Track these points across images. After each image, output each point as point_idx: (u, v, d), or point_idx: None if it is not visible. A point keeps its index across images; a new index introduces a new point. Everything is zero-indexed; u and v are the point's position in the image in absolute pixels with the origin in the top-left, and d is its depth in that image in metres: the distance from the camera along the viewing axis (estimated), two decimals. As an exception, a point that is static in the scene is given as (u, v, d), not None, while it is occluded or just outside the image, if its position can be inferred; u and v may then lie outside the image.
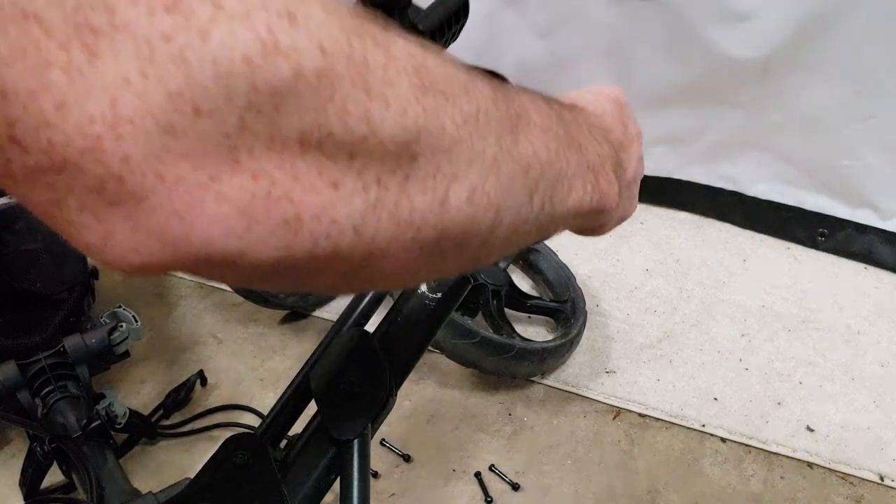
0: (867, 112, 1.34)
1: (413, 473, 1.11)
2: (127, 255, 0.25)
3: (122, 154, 0.23)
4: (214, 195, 0.25)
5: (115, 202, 0.24)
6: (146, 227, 0.25)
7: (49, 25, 0.22)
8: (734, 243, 1.54)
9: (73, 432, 0.97)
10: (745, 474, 1.11)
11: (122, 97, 0.22)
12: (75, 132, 0.23)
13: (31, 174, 0.23)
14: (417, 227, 0.29)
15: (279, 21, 0.24)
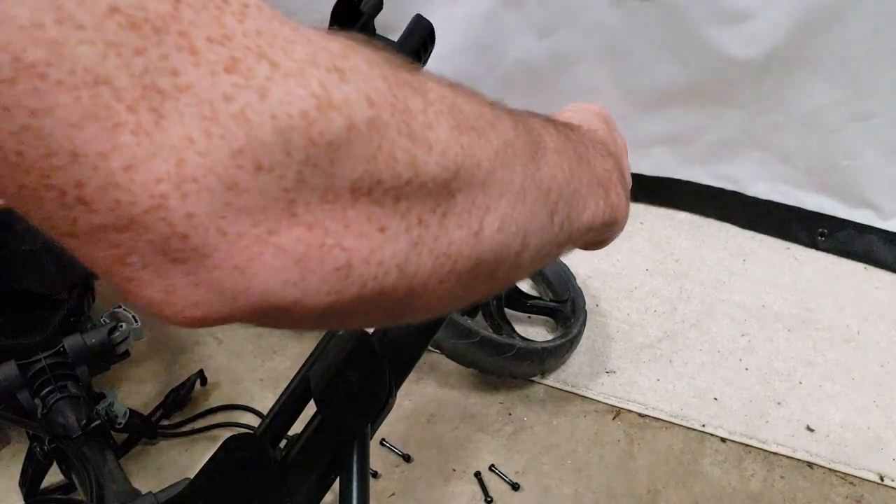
0: (867, 112, 1.34)
1: (413, 473, 1.11)
2: (187, 309, 0.26)
3: (187, 212, 0.23)
4: (273, 248, 0.25)
5: (178, 259, 0.24)
6: (207, 283, 0.25)
7: (119, 89, 0.22)
8: (734, 243, 1.54)
9: (73, 432, 0.97)
10: (744, 474, 1.11)
11: (187, 157, 0.23)
12: (142, 192, 0.23)
13: (96, 233, 0.24)
14: (455, 260, 0.30)
15: (330, 76, 0.25)
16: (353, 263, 0.27)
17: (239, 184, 0.24)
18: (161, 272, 0.25)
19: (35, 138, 0.22)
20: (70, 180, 0.23)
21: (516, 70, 1.49)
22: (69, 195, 0.23)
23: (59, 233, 0.24)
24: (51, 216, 0.24)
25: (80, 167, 0.22)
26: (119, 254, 0.24)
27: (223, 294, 0.25)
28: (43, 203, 0.23)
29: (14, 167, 0.23)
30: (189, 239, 0.24)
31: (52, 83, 0.22)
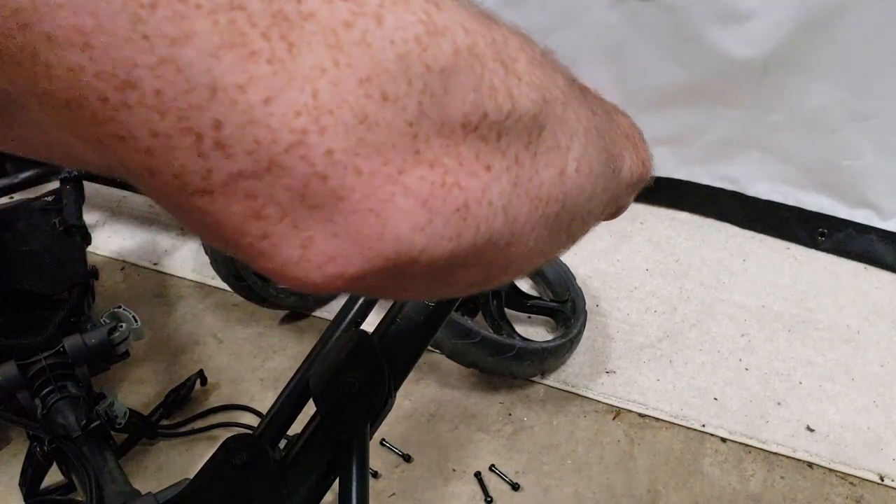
0: (867, 112, 1.35)
1: (413, 473, 1.11)
2: (325, 265, 0.24)
3: (326, 148, 0.22)
4: (402, 189, 0.24)
5: (316, 205, 0.23)
6: (345, 230, 0.24)
7: (252, 14, 0.21)
8: (734, 243, 1.54)
9: (72, 432, 0.97)
10: (745, 474, 1.11)
11: (320, 86, 0.22)
12: (282, 127, 0.22)
13: (232, 183, 0.22)
14: (546, 203, 0.30)
15: (428, 4, 0.25)
16: (469, 204, 0.26)
17: (369, 116, 0.23)
18: (298, 222, 0.23)
19: (174, 72, 0.20)
20: (208, 120, 0.21)
21: (516, 70, 1.49)
22: (206, 139, 0.21)
23: (188, 192, 0.22)
24: (182, 171, 0.22)
25: (218, 103, 0.21)
26: (255, 206, 0.23)
27: (360, 243, 0.24)
28: (175, 154, 0.22)
29: (150, 110, 0.21)
30: (328, 180, 0.23)
31: (192, 6, 0.20)
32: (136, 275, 1.49)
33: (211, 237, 0.24)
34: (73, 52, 0.20)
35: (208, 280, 1.45)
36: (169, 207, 0.24)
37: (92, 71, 0.20)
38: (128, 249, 1.53)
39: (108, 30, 0.20)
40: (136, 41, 0.20)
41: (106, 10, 0.19)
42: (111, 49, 0.20)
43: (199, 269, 1.48)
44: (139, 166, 0.22)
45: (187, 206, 0.23)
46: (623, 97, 1.61)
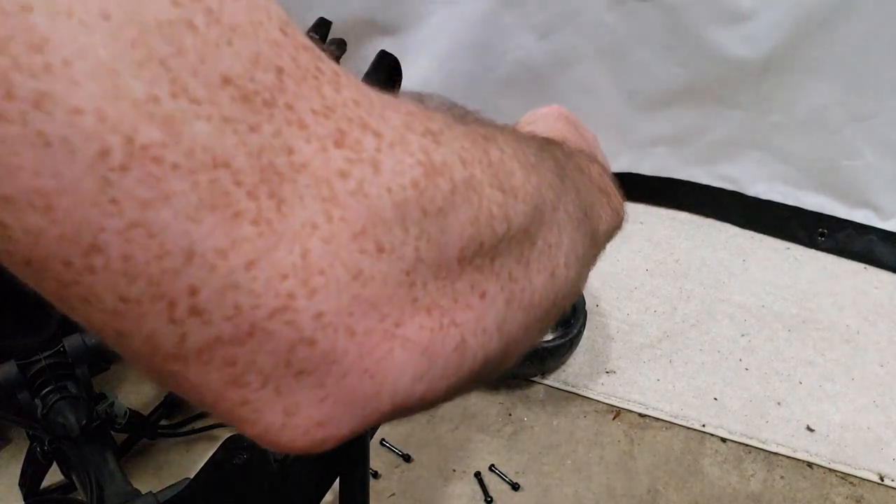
0: (867, 112, 1.34)
1: (413, 473, 1.11)
2: (311, 430, 0.22)
3: (315, 311, 0.21)
4: (401, 342, 0.23)
5: (303, 370, 0.21)
6: (335, 395, 0.22)
7: (237, 171, 0.19)
8: (734, 243, 1.54)
9: (73, 432, 0.97)
10: (745, 474, 1.11)
11: (311, 245, 0.20)
12: (266, 291, 0.20)
13: (208, 350, 0.20)
14: (538, 307, 0.29)
15: (426, 141, 0.23)
16: (466, 338, 0.25)
17: (363, 271, 0.21)
18: (282, 389, 0.21)
19: (145, 236, 0.19)
20: (183, 287, 0.19)
21: (516, 70, 1.49)
22: (180, 306, 0.20)
23: (160, 356, 0.21)
24: (153, 335, 0.20)
25: (195, 269, 0.19)
26: (234, 373, 0.21)
27: (352, 405, 0.22)
28: (146, 320, 0.20)
29: (118, 275, 0.19)
30: (317, 345, 0.21)
31: (168, 167, 0.18)
32: (136, 275, 1.49)
33: (188, 398, 0.22)
34: (33, 215, 0.18)
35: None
36: (140, 369, 0.22)
37: (53, 234, 0.18)
38: (128, 249, 1.53)
39: (73, 193, 0.18)
40: (104, 205, 0.18)
41: (70, 174, 0.18)
42: (75, 212, 0.18)
43: (199, 269, 1.48)
44: (106, 328, 0.21)
45: (160, 371, 0.21)
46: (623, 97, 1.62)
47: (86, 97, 0.17)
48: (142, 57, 0.18)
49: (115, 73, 0.18)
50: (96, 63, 0.17)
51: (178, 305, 0.19)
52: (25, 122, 0.17)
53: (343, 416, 0.23)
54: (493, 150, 0.27)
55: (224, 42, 0.19)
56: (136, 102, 0.18)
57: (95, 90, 0.17)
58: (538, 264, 0.28)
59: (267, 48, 0.20)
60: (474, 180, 0.25)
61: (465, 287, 0.25)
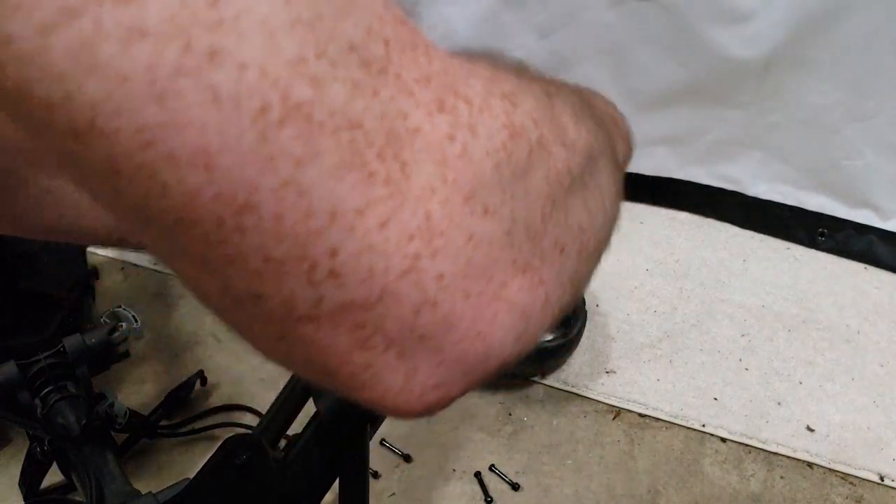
0: (867, 112, 1.34)
1: (413, 473, 1.11)
2: (426, 394, 0.23)
3: (438, 272, 0.21)
4: (506, 305, 0.23)
5: (425, 334, 0.22)
6: (451, 358, 0.23)
7: (369, 132, 0.20)
8: (734, 243, 1.53)
9: (72, 432, 0.97)
10: (745, 474, 1.11)
11: (432, 208, 0.21)
12: (396, 252, 0.20)
13: (340, 313, 0.21)
14: (597, 251, 0.30)
15: (505, 104, 0.24)
16: (549, 295, 0.25)
17: (475, 234, 0.22)
18: (405, 353, 0.22)
19: (296, 195, 0.19)
20: (325, 248, 0.20)
21: (516, 70, 1.48)
22: (321, 267, 0.20)
23: (293, 318, 0.21)
24: (290, 298, 0.20)
25: (336, 229, 0.20)
26: (362, 336, 0.21)
27: (465, 368, 0.23)
28: (286, 281, 0.20)
29: (267, 235, 0.19)
30: (439, 307, 0.21)
31: (316, 126, 0.19)
32: (136, 275, 1.49)
33: (305, 364, 0.23)
34: (194, 174, 0.18)
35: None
36: (263, 333, 0.22)
37: (210, 193, 0.19)
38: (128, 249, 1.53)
39: (233, 151, 0.18)
40: (261, 163, 0.18)
41: (233, 130, 0.18)
42: (233, 171, 0.18)
43: (199, 269, 1.48)
44: (243, 290, 0.21)
45: (288, 334, 0.22)
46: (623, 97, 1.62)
47: (251, 53, 0.18)
48: (293, 17, 0.18)
49: (273, 31, 0.18)
50: (259, 19, 0.18)
51: (318, 267, 0.20)
52: (199, 77, 0.17)
53: (456, 378, 0.23)
54: (554, 107, 0.27)
55: (346, 13, 0.20)
56: (289, 61, 0.18)
57: (259, 46, 0.18)
58: (595, 210, 0.29)
59: (375, 21, 0.21)
60: (544, 139, 0.25)
61: (549, 244, 0.25)
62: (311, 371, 0.23)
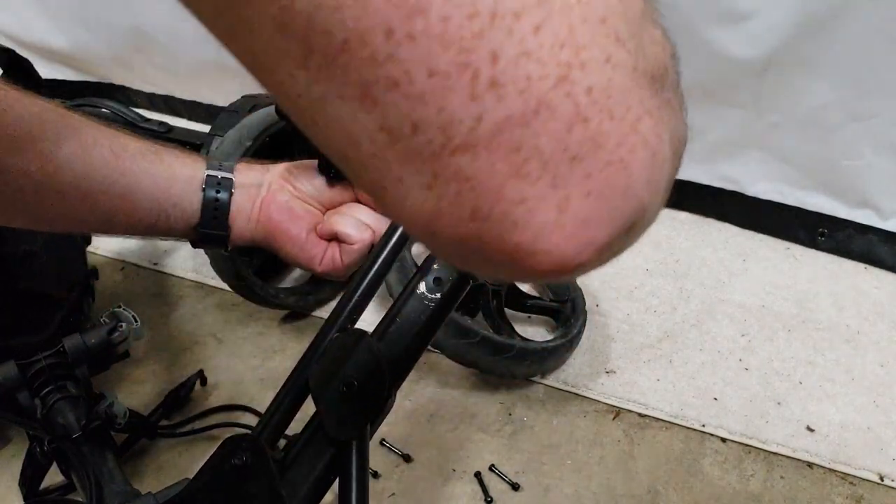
0: (867, 112, 1.34)
1: (413, 473, 1.11)
2: (577, 232, 0.23)
3: (587, 85, 0.21)
4: (641, 140, 0.23)
5: (576, 155, 0.22)
6: (598, 187, 0.22)
7: None
8: (734, 243, 1.54)
9: (72, 432, 0.97)
10: (745, 474, 1.11)
11: (574, 21, 0.21)
12: (550, 60, 0.21)
13: (498, 133, 0.21)
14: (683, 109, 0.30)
15: None
16: (666, 150, 0.25)
17: (612, 56, 0.22)
18: (557, 180, 0.22)
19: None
20: (486, 52, 0.20)
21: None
22: (482, 77, 0.20)
23: (449, 150, 0.21)
24: (450, 120, 0.21)
25: (496, 31, 0.20)
26: (517, 161, 0.21)
27: (610, 201, 0.23)
28: (449, 98, 0.20)
29: (433, 42, 0.19)
30: (589, 123, 0.21)
31: None
32: (136, 275, 1.49)
33: (453, 212, 0.22)
34: None
35: (208, 280, 1.45)
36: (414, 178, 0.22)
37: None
38: (128, 249, 1.53)
39: None
40: None
41: None
42: None
43: (199, 269, 1.48)
44: (403, 119, 0.21)
45: (442, 171, 0.22)
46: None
47: None
48: None
49: None
50: None
51: (480, 77, 0.20)
52: None
53: (602, 214, 0.23)
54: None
55: None
56: None
57: None
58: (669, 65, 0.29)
59: None
60: (648, 7, 0.25)
61: (664, 100, 0.25)
62: (458, 224, 0.23)
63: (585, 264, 0.24)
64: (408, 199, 0.23)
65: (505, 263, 0.24)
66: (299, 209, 0.70)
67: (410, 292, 0.61)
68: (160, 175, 0.66)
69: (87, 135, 0.64)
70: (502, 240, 0.23)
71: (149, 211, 0.67)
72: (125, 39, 1.82)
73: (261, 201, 0.69)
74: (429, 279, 0.61)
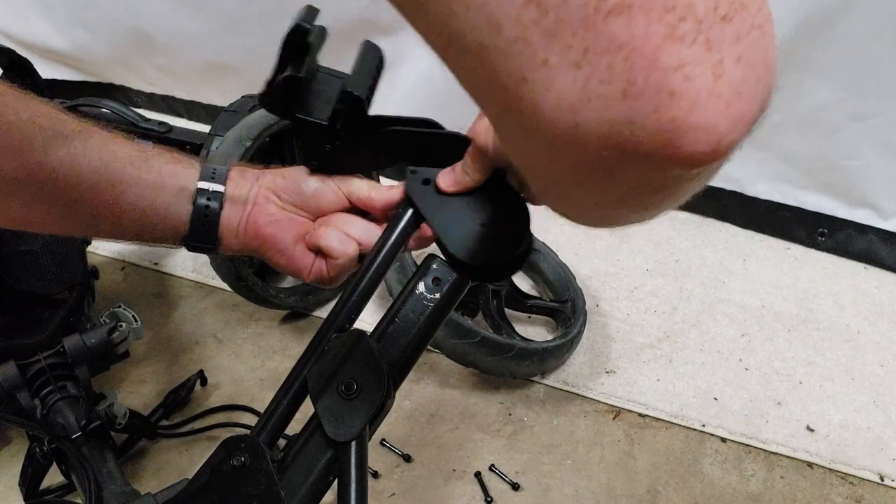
0: (867, 112, 1.34)
1: (413, 473, 1.11)
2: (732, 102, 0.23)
3: None
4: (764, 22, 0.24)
5: (727, 14, 0.22)
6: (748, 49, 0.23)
7: None
8: (734, 243, 1.53)
9: (72, 433, 0.97)
10: (745, 474, 1.11)
11: None
12: None
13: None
14: None
15: None
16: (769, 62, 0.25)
17: None
18: (711, 41, 0.22)
19: None
20: None
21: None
22: None
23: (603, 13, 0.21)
24: None
25: None
26: (672, 21, 0.21)
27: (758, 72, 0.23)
28: None
29: None
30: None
31: None
32: (136, 275, 1.49)
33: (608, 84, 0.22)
34: None
35: (208, 280, 1.45)
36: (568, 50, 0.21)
37: None
38: (128, 249, 1.53)
39: None
40: None
41: None
42: None
43: (199, 269, 1.48)
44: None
45: (596, 41, 0.21)
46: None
47: None
48: None
49: None
50: None
51: None
52: None
53: (752, 85, 0.23)
54: None
55: None
56: None
57: None
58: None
59: None
60: None
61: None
62: (609, 106, 0.22)
63: (734, 145, 0.25)
64: (553, 85, 0.22)
65: (652, 153, 0.23)
66: (286, 221, 0.69)
67: (410, 292, 0.61)
68: (149, 185, 0.66)
69: (77, 142, 0.63)
70: (657, 116, 0.22)
71: (135, 221, 0.66)
72: (125, 39, 1.82)
73: (247, 215, 0.69)
74: (428, 279, 0.61)
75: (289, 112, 0.61)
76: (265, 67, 0.60)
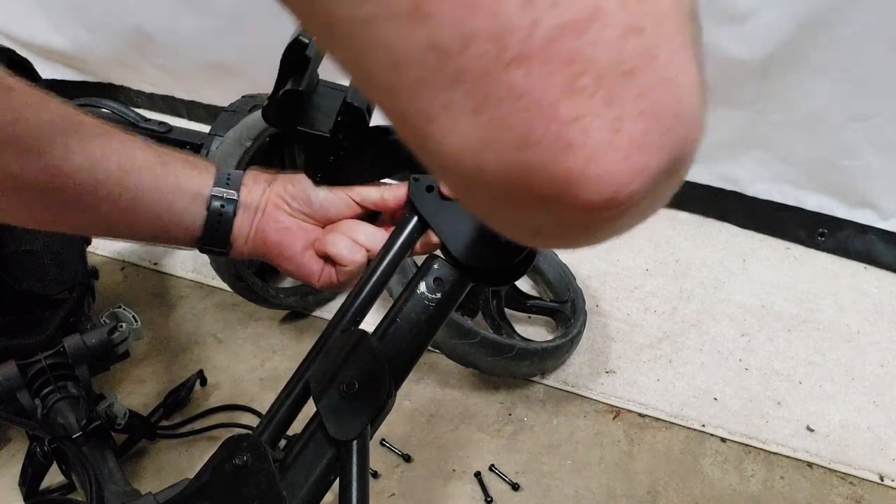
0: (867, 112, 1.34)
1: (413, 473, 1.11)
2: (632, 155, 0.22)
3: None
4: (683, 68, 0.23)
5: (630, 70, 0.21)
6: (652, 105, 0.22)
7: None
8: (734, 243, 1.54)
9: (72, 433, 0.97)
10: (744, 474, 1.11)
11: None
12: None
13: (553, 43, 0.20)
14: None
15: None
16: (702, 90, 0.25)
17: None
18: (612, 97, 0.21)
19: None
20: None
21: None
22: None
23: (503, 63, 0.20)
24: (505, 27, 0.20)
25: None
26: (571, 75, 0.21)
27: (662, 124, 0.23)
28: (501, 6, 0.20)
29: None
30: (643, 33, 0.21)
31: None
32: (136, 275, 1.49)
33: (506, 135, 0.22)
34: None
35: (208, 280, 1.45)
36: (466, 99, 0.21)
37: None
38: (128, 249, 1.53)
39: None
40: None
41: None
42: None
43: (199, 269, 1.48)
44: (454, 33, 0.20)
45: (495, 89, 0.21)
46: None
47: None
48: None
49: None
50: None
51: None
52: None
53: (656, 139, 0.23)
54: None
55: None
56: None
57: None
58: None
59: None
60: None
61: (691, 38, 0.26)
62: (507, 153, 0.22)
63: (636, 196, 0.23)
64: (455, 128, 0.22)
65: (552, 198, 0.23)
66: (296, 228, 0.69)
67: (411, 293, 0.61)
68: (166, 191, 0.66)
69: (97, 147, 0.63)
70: (554, 166, 0.22)
71: (151, 224, 0.67)
72: (125, 39, 1.82)
73: (257, 223, 0.69)
74: (429, 279, 0.61)
75: (291, 125, 0.62)
76: (265, 67, 0.60)
